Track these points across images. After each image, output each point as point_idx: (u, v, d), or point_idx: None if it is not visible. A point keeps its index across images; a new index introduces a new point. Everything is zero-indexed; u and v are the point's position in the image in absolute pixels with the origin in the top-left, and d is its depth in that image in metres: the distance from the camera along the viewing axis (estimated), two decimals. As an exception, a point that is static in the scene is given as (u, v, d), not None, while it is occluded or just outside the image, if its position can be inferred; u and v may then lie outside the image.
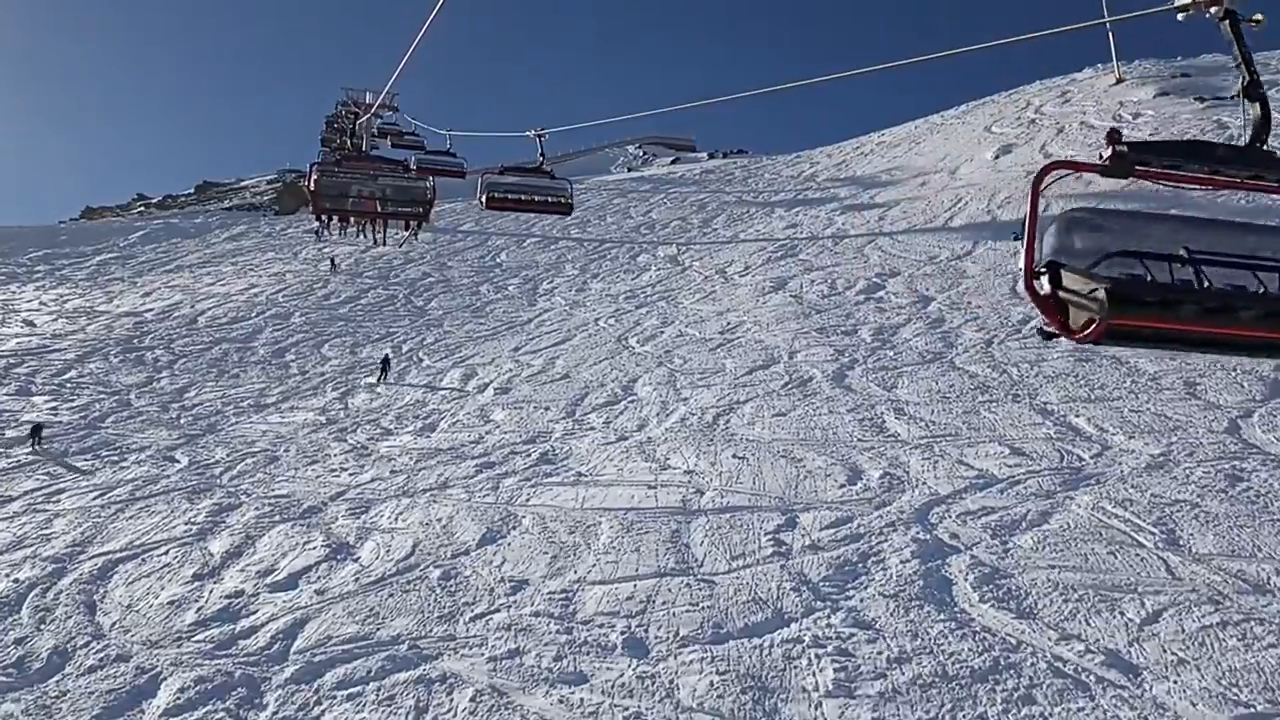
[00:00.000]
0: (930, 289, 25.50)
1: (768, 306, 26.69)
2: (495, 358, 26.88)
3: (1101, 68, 47.15)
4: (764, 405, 18.17)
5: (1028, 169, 34.73)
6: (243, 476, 17.94)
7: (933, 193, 36.62)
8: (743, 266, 33.13)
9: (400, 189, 15.14)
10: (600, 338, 27.17)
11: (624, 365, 23.58)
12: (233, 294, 38.66)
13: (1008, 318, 21.70)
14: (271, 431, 21.46)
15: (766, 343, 23.06)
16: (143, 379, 27.14)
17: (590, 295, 33.82)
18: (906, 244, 31.05)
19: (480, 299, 35.40)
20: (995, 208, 31.70)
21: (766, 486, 13.60)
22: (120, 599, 12.38)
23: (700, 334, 25.36)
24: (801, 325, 24.02)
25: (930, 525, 11.57)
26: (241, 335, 31.97)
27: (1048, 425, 14.89)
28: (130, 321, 34.58)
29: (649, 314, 29.11)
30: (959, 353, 19.83)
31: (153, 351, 30.24)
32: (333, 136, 37.56)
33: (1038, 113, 42.73)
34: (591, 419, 19.32)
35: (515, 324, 31.16)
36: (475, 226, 50.35)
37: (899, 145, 48.68)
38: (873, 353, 20.81)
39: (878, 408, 17.01)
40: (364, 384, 25.73)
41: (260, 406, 24.09)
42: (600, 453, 16.67)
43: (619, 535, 12.41)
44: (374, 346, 29.77)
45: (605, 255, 40.27)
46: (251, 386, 26.11)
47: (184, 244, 52.78)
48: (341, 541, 13.65)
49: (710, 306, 28.42)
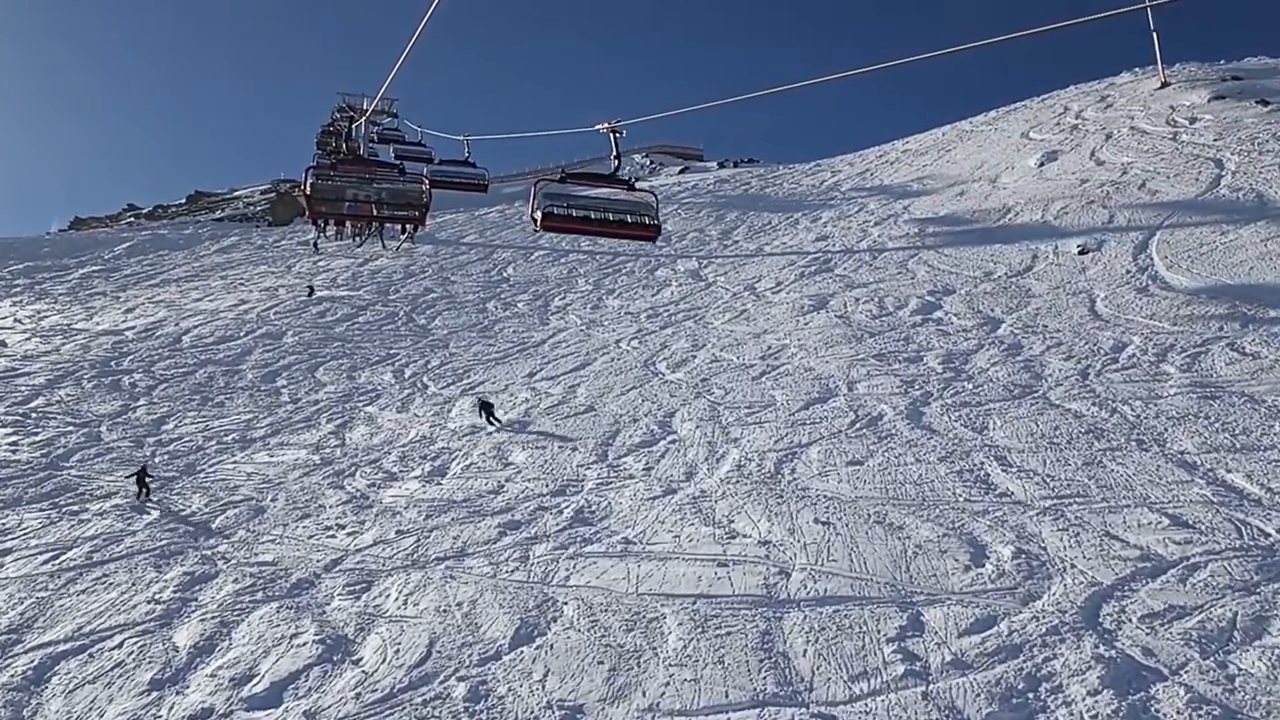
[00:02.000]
0: (995, 309, 22.87)
1: (811, 328, 24.04)
2: (508, 384, 24.21)
3: (1140, 71, 44.68)
4: (833, 449, 15.51)
5: (1081, 177, 32.23)
6: (222, 534, 15.24)
7: (975, 203, 34.00)
8: (774, 282, 30.50)
9: (396, 192, 15.86)
10: (624, 362, 24.51)
11: (656, 396, 20.92)
12: (221, 311, 35.94)
13: (1097, 344, 19.06)
14: (258, 474, 18.75)
15: (818, 371, 20.41)
16: (117, 408, 24.40)
17: (607, 313, 31.16)
18: (955, 258, 28.44)
19: (488, 317, 32.71)
20: (1052, 219, 29.09)
21: (869, 566, 10.92)
22: (56, 715, 9.69)
23: (738, 359, 22.70)
24: (855, 350, 21.37)
25: (1108, 633, 8.90)
26: (229, 357, 29.25)
27: (1198, 484, 12.24)
28: (109, 341, 31.82)
29: (676, 335, 26.45)
30: (1051, 386, 17.20)
31: (131, 375, 27.49)
32: (328, 141, 35.22)
33: (1079, 118, 40.16)
34: (628, 463, 16.63)
35: (527, 345, 28.48)
36: (479, 239, 47.71)
37: (926, 153, 46.10)
38: (947, 385, 18.17)
39: (974, 455, 14.35)
40: (364, 414, 23.04)
41: (246, 442, 21.37)
42: (646, 511, 13.98)
43: (692, 635, 9.73)
44: (373, 370, 27.07)
45: (620, 269, 37.61)
46: (238, 417, 23.39)
47: (171, 256, 50.10)
48: (338, 634, 10.96)
49: (744, 327, 25.77)
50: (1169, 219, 26.03)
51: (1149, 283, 22.49)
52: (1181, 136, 32.72)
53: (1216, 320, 19.31)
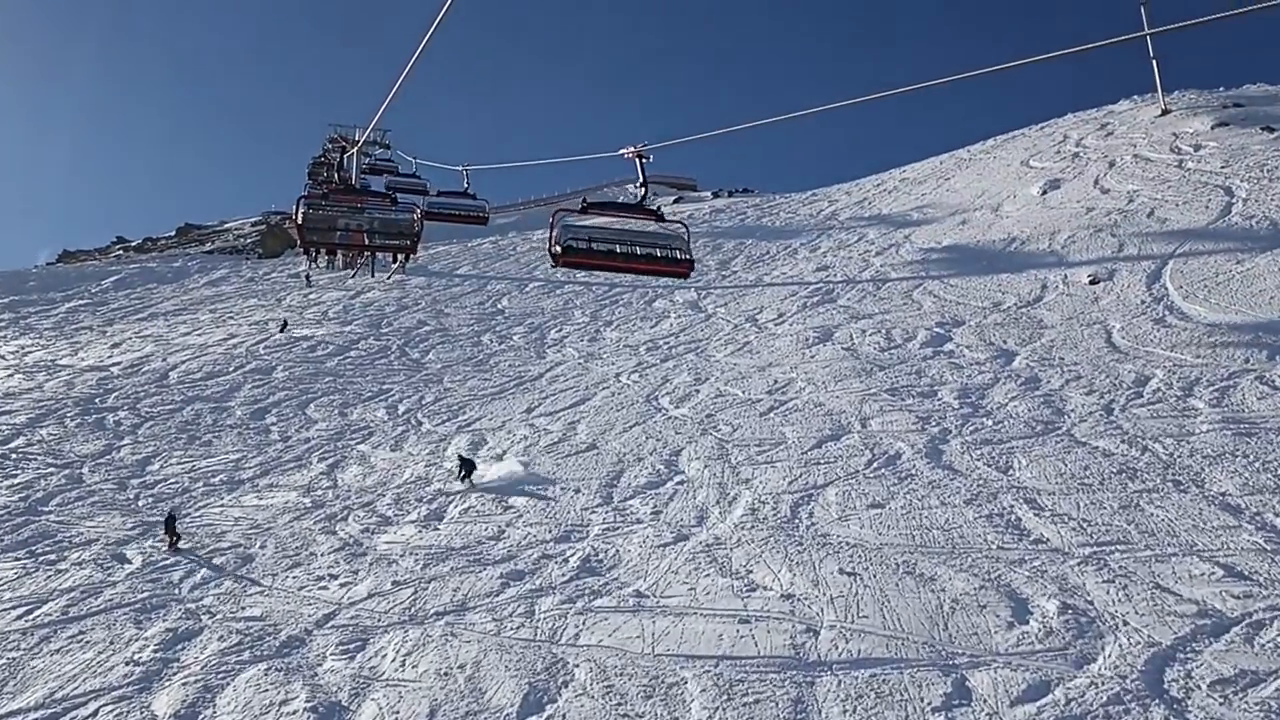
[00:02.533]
0: (1008, 341, 22.21)
1: (818, 361, 23.34)
2: (505, 421, 23.44)
3: (1139, 99, 44.40)
4: (851, 491, 14.77)
5: (1087, 205, 31.73)
6: (207, 585, 14.41)
7: (978, 232, 33.47)
8: (775, 313, 29.84)
9: (387, 221, 16.30)
10: (625, 397, 23.77)
11: (660, 433, 20.18)
12: (209, 345, 35.14)
13: (1118, 377, 18.40)
14: (246, 518, 17.92)
15: (828, 406, 19.69)
16: (100, 447, 23.55)
17: (606, 346, 30.45)
18: (961, 288, 27.81)
19: (483, 350, 31.96)
20: (1059, 248, 28.53)
21: (903, 623, 10.16)
22: (22, 797, 8.85)
23: (744, 394, 21.99)
24: (866, 384, 20.66)
25: (1177, 703, 8.15)
26: (217, 393, 28.43)
27: (1247, 529, 11.52)
28: (94, 378, 30.98)
29: (677, 369, 25.74)
30: (1075, 422, 16.50)
31: (115, 414, 26.65)
32: (319, 171, 34.69)
33: (1079, 145, 39.76)
34: (635, 506, 15.85)
35: (524, 379, 27.73)
36: (473, 270, 47.04)
37: (925, 182, 45.66)
38: (965, 421, 17.46)
39: (1002, 498, 13.62)
40: (356, 453, 22.24)
41: (234, 483, 20.54)
42: (658, 559, 13.19)
43: (717, 704, 8.95)
44: (365, 407, 26.27)
45: (617, 301, 36.92)
46: (226, 457, 22.55)
47: (160, 290, 49.33)
48: (331, 700, 10.14)
49: (748, 360, 25.07)
50: (1181, 248, 25.47)
51: (1166, 313, 21.86)
52: (1187, 164, 32.27)
53: (1240, 352, 18.66)
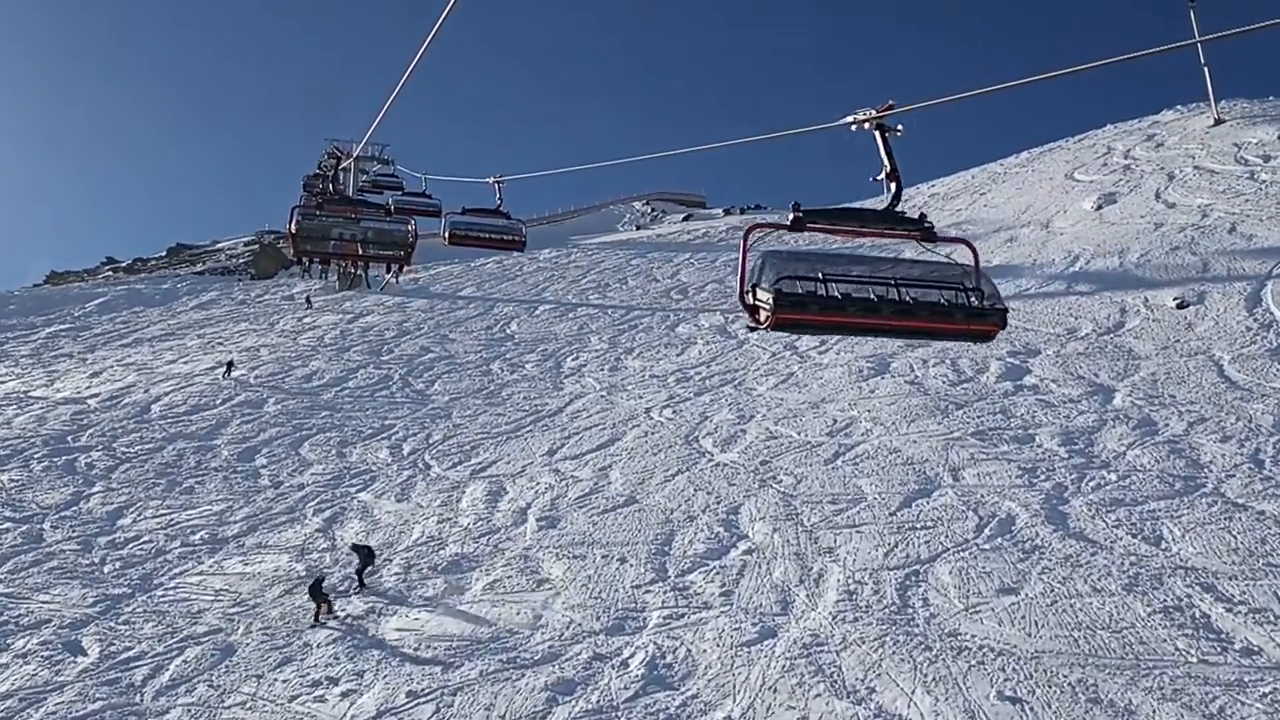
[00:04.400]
0: (1099, 373, 19.54)
1: (881, 397, 20.64)
2: (526, 465, 20.70)
3: (1184, 108, 41.93)
4: (969, 569, 12.05)
5: (1153, 221, 29.14)
6: (176, 690, 11.64)
7: (1031, 250, 30.86)
8: (817, 340, 27.10)
9: (381, 231, 15.58)
10: (661, 437, 21.04)
11: (709, 483, 17.45)
12: (196, 374, 32.32)
13: (1252, 420, 15.71)
14: (229, 590, 15.16)
15: (905, 452, 16.99)
16: (67, 496, 20.74)
17: (629, 376, 27.73)
18: (1025, 313, 25.14)
19: (493, 380, 29.21)
20: (1131, 267, 25.90)
21: (1119, 789, 7.42)
22: None
23: (800, 435, 19.27)
24: (944, 426, 17.96)
25: None
26: (202, 430, 25.61)
27: None
28: (68, 412, 28.14)
29: (716, 404, 23.02)
30: (1220, 477, 13.81)
31: (88, 454, 23.83)
32: (315, 183, 32.28)
33: (1128, 157, 37.22)
34: (697, 584, 13.11)
35: (542, 414, 24.98)
36: (477, 291, 44.34)
37: (957, 197, 43.11)
38: (1080, 475, 14.74)
39: (1171, 583, 10.90)
40: (357, 504, 19.51)
41: (217, 541, 17.77)
42: (744, 666, 10.44)
43: None
44: (365, 446, 23.50)
45: (636, 325, 34.23)
46: (209, 508, 19.77)
47: (146, 313, 46.51)
48: None
49: (796, 395, 22.35)
50: (1278, 267, 22.85)
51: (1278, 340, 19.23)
52: (1260, 175, 29.70)
53: (1390, 389, 16.02)
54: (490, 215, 18.46)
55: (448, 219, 18.80)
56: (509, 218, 18.64)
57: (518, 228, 18.98)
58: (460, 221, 18.28)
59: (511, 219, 18.74)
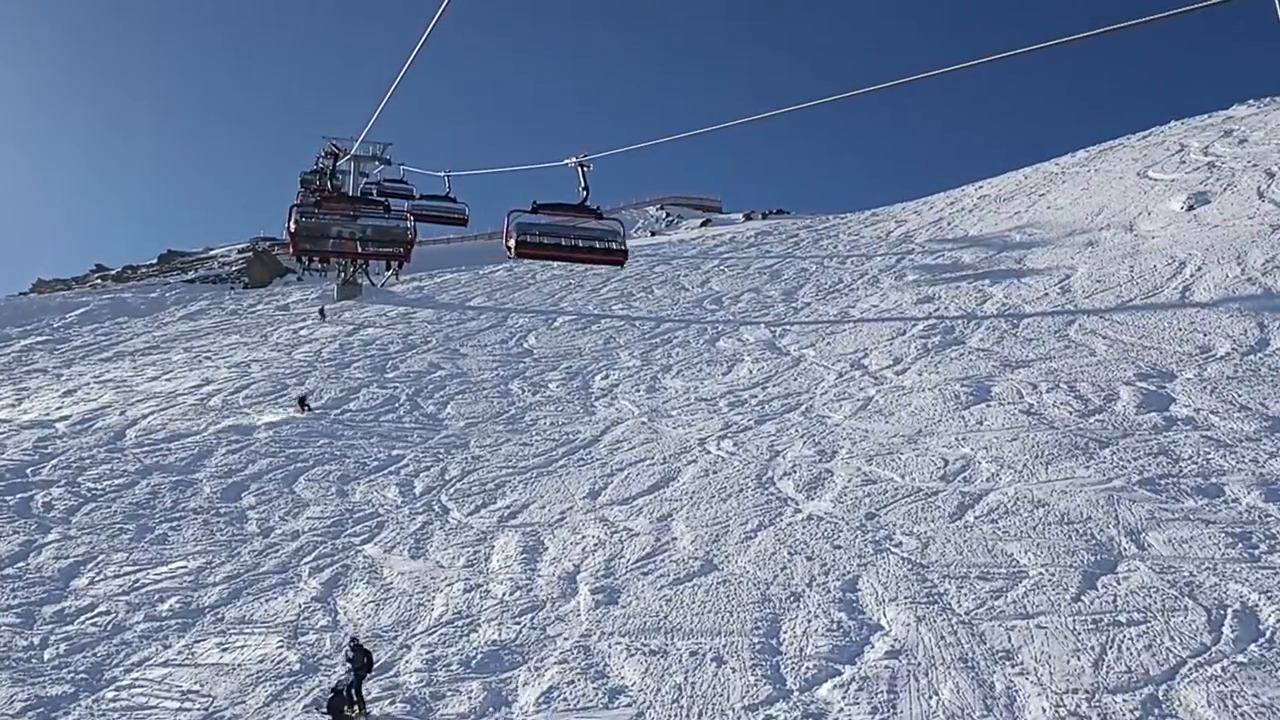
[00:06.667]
0: (1266, 401, 16.06)
1: (993, 429, 17.14)
2: (565, 511, 17.21)
3: (1258, 102, 38.72)
4: (1234, 694, 8.54)
5: (1269, 222, 25.71)
6: None
7: (1120, 255, 27.42)
8: (888, 358, 23.68)
9: (380, 229, 14.88)
10: (726, 478, 17.54)
11: (805, 544, 13.93)
12: (179, 393, 28.80)
13: None
14: (199, 691, 11.63)
15: (1056, 507, 13.47)
16: (15, 548, 17.16)
17: (671, 398, 24.25)
18: (1136, 328, 21.69)
19: (513, 402, 25.69)
20: (1255, 274, 22.47)
21: None
22: None
23: (904, 479, 15.77)
24: (1096, 472, 14.44)
25: None
26: (181, 461, 22.02)
27: None
28: (33, 437, 24.52)
29: (784, 434, 19.53)
30: None
31: (48, 491, 20.24)
32: (313, 180, 29.18)
33: (1207, 154, 33.86)
34: (837, 705, 9.56)
35: (574, 444, 21.48)
36: (488, 301, 40.88)
37: (1013, 198, 39.71)
38: (1316, 544, 11.24)
39: None
40: (362, 560, 16.00)
41: (190, 614, 14.24)
42: None
43: None
44: (370, 482, 19.99)
45: (669, 338, 30.77)
46: (184, 564, 16.23)
47: (130, 324, 43.10)
48: None
49: (884, 426, 18.85)
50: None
51: None
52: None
53: None
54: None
55: (513, 218, 13.01)
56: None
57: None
58: (532, 224, 12.70)
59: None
